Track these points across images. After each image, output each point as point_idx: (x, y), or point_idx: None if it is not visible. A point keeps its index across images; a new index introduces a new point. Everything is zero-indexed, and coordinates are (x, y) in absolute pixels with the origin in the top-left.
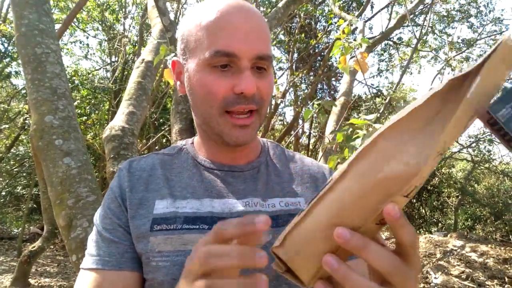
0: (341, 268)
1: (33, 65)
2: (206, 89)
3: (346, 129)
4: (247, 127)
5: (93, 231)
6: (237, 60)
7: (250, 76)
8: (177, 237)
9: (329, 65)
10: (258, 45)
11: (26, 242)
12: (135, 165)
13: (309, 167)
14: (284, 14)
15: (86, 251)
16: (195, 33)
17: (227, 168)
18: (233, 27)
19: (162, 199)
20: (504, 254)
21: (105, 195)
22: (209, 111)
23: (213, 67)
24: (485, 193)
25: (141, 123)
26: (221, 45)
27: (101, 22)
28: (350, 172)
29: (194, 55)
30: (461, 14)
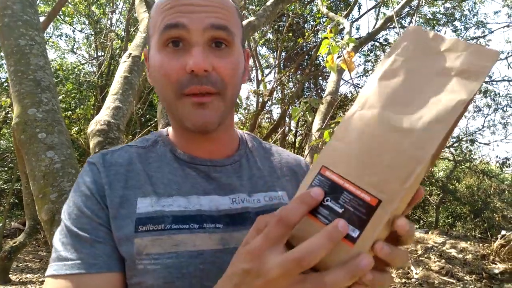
0: (393, 251)
1: (16, 57)
2: (162, 72)
3: (333, 127)
4: (205, 107)
5: (61, 233)
6: (188, 34)
7: (199, 51)
8: (166, 238)
9: (316, 64)
10: (212, 16)
11: (7, 237)
12: (109, 158)
13: (287, 159)
14: (272, 12)
15: (54, 256)
16: (153, 18)
17: (209, 162)
18: (186, 3)
19: (145, 197)
20: (482, 250)
21: (73, 192)
22: (168, 96)
23: (166, 47)
24: (465, 191)
25: (127, 118)
26: (170, 19)
27: (88, 16)
28: (407, 193)
29: (152, 39)
30: (446, 18)
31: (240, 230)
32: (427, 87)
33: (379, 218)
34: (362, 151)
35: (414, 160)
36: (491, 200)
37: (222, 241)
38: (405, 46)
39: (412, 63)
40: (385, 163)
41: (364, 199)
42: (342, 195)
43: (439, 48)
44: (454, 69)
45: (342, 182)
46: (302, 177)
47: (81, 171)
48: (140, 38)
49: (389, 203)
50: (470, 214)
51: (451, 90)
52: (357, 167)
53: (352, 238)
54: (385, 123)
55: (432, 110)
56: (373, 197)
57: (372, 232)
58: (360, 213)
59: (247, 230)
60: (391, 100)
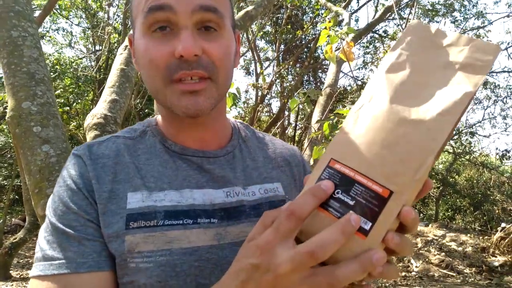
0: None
1: (8, 49)
2: (148, 58)
3: (332, 119)
4: (198, 94)
5: (46, 231)
6: (175, 17)
7: (188, 35)
8: (159, 235)
9: (315, 57)
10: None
11: (7, 233)
12: (96, 150)
13: (281, 150)
14: (270, 2)
15: (38, 256)
16: (134, 1)
17: (201, 154)
18: None
19: (136, 191)
20: (482, 243)
21: (58, 187)
22: (155, 83)
23: (153, 32)
24: (465, 184)
25: (124, 111)
26: (153, 0)
27: (85, 9)
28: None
29: (136, 23)
30: (445, 9)
31: (235, 224)
32: (432, 80)
33: (391, 209)
34: (372, 143)
35: (425, 151)
36: (491, 192)
37: (217, 236)
38: (409, 41)
39: (417, 57)
40: (396, 154)
41: (376, 191)
42: (353, 187)
43: (442, 42)
44: (458, 63)
45: (353, 174)
46: (297, 167)
47: (66, 164)
48: None
49: (401, 194)
50: (470, 207)
51: (457, 83)
52: (368, 159)
53: (364, 230)
54: (394, 115)
55: (440, 102)
56: (385, 189)
57: (384, 224)
58: (372, 205)
59: (243, 224)
60: (399, 93)
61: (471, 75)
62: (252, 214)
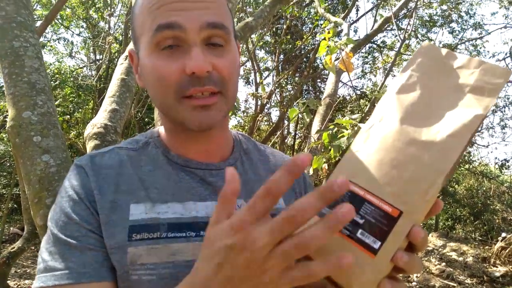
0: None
1: (10, 59)
2: (157, 75)
3: (332, 129)
4: (209, 108)
5: (48, 242)
6: (184, 34)
7: (199, 52)
8: (162, 247)
9: (314, 67)
10: (207, 14)
11: (5, 243)
12: (99, 161)
13: (282, 162)
14: (270, 13)
15: (41, 267)
16: (139, 18)
17: (204, 166)
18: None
19: (138, 203)
20: (483, 253)
21: (60, 198)
22: (166, 100)
23: (161, 50)
24: (465, 193)
25: (124, 120)
26: (162, 19)
27: (86, 19)
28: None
29: (141, 41)
30: (443, 20)
31: None
32: (443, 101)
33: (400, 229)
34: (382, 163)
35: (435, 172)
36: (491, 202)
37: None
38: (420, 62)
39: (427, 79)
40: (406, 174)
41: (385, 210)
42: (363, 205)
43: (452, 65)
44: (469, 85)
45: (362, 193)
46: (297, 180)
47: (68, 174)
48: None
49: (411, 214)
50: (470, 216)
51: (467, 105)
52: (378, 179)
53: (373, 249)
54: (404, 135)
55: (450, 124)
56: (395, 208)
57: (393, 243)
58: (382, 224)
59: None
60: (409, 114)
61: (481, 97)
62: None
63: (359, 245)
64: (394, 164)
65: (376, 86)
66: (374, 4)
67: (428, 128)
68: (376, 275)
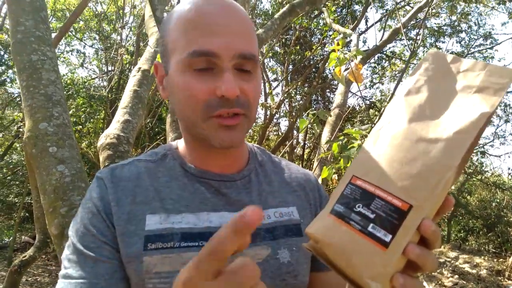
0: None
1: (28, 72)
2: (187, 94)
3: (341, 139)
4: (233, 129)
5: (69, 250)
6: (217, 60)
7: (231, 78)
8: (176, 256)
9: (323, 77)
10: (240, 43)
11: (17, 251)
12: (118, 173)
13: (296, 174)
14: (280, 25)
15: (62, 273)
16: (172, 34)
17: (219, 177)
18: (212, 23)
19: (154, 214)
20: (497, 265)
21: (81, 208)
22: (192, 117)
23: (194, 70)
24: (477, 204)
25: (136, 131)
26: (199, 44)
27: (98, 31)
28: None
29: (173, 57)
30: (452, 29)
31: (250, 246)
32: (450, 102)
33: (410, 222)
34: (392, 160)
35: (443, 167)
36: (505, 214)
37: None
38: (427, 67)
39: (434, 81)
40: (415, 170)
41: (395, 205)
42: (374, 201)
43: (458, 68)
44: (475, 86)
45: (373, 189)
46: (312, 192)
47: (90, 186)
48: (149, 52)
49: (420, 208)
50: (483, 228)
51: (473, 104)
52: (388, 175)
53: (385, 242)
54: (412, 134)
55: (456, 122)
56: (404, 203)
57: (404, 237)
58: (392, 218)
59: (258, 247)
60: (417, 114)
61: (487, 96)
62: (267, 237)
63: (370, 238)
64: (403, 161)
65: (385, 95)
66: (382, 14)
67: (435, 127)
68: (387, 268)
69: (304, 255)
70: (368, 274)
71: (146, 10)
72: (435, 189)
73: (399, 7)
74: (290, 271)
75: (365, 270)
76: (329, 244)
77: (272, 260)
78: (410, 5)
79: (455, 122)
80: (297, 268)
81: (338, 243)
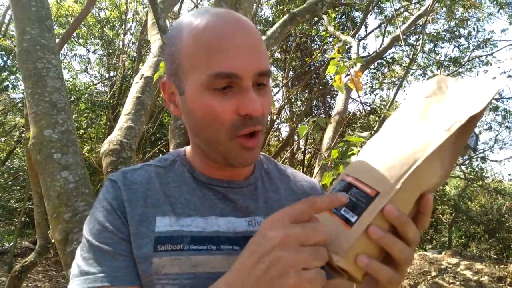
0: (387, 235)
1: (33, 80)
2: (210, 113)
3: (341, 146)
4: (254, 149)
5: (82, 249)
6: (239, 81)
7: (254, 97)
8: (185, 259)
9: (324, 83)
10: (259, 62)
11: (17, 256)
12: (130, 177)
13: (302, 182)
14: (281, 33)
15: (75, 272)
16: (188, 53)
17: (226, 184)
18: (231, 45)
19: (164, 216)
20: (498, 272)
21: (95, 209)
22: (216, 136)
23: (214, 90)
24: (478, 210)
25: (139, 137)
26: (222, 67)
27: (101, 37)
28: (404, 187)
29: (190, 76)
30: (450, 35)
31: None
32: (439, 110)
33: (375, 206)
34: (374, 159)
35: (410, 159)
36: (506, 219)
37: None
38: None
39: (431, 97)
40: (389, 164)
41: (365, 191)
42: (351, 190)
43: (452, 85)
44: (466, 96)
45: (353, 181)
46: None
47: (102, 189)
48: (152, 59)
49: (387, 194)
50: (484, 234)
51: (461, 109)
52: (366, 170)
53: (350, 222)
54: (397, 135)
55: (440, 123)
56: (373, 189)
57: (368, 217)
58: (361, 203)
59: None
60: (406, 119)
61: (475, 102)
62: None
63: (340, 219)
64: (381, 156)
65: (385, 101)
66: (382, 21)
67: (418, 127)
68: (349, 244)
69: None
70: (333, 249)
71: (149, 18)
72: (401, 178)
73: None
74: None
75: (332, 245)
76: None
77: None
78: (409, 11)
79: (437, 123)
80: None
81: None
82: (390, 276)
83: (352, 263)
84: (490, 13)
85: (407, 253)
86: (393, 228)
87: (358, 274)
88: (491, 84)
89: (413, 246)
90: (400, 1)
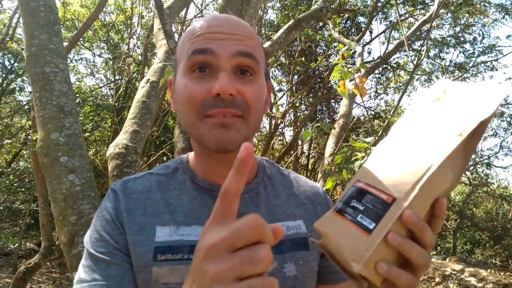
0: (406, 241)
1: (41, 84)
2: (186, 95)
3: (345, 151)
4: (229, 127)
5: (84, 257)
6: (216, 61)
7: (225, 76)
8: (185, 268)
9: (328, 87)
10: (239, 43)
11: (22, 258)
12: (131, 186)
13: (305, 187)
14: (285, 39)
15: (75, 280)
16: (180, 46)
17: None
18: (215, 31)
19: (164, 226)
20: (503, 279)
21: (95, 217)
22: (189, 118)
23: (193, 72)
24: (483, 216)
25: (144, 141)
26: (198, 44)
27: (106, 41)
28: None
29: (179, 66)
30: (456, 41)
31: None
32: (448, 114)
33: (393, 213)
34: (386, 165)
35: (425, 166)
36: (511, 226)
37: None
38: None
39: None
40: (402, 170)
41: (381, 198)
42: (365, 196)
43: (458, 90)
44: (474, 100)
45: (366, 187)
46: (320, 205)
47: (105, 197)
48: (158, 64)
49: (403, 200)
50: (490, 240)
51: (470, 113)
52: (381, 176)
53: (368, 229)
54: (407, 140)
55: (451, 128)
56: (389, 196)
57: (386, 224)
58: (378, 209)
59: None
60: (415, 126)
61: (484, 107)
62: (273, 251)
63: (357, 226)
64: (394, 162)
65: (390, 106)
66: (386, 26)
67: (429, 131)
68: (368, 251)
69: (310, 269)
70: (352, 256)
71: (155, 23)
72: (417, 183)
73: (402, 19)
74: (296, 285)
75: (350, 253)
76: (326, 234)
77: (278, 274)
78: (413, 17)
79: (449, 128)
80: (302, 282)
81: (332, 233)
82: (409, 281)
83: (373, 270)
84: (495, 19)
85: (424, 257)
86: (410, 233)
87: (377, 280)
88: (497, 88)
89: (429, 250)
90: (406, 7)
